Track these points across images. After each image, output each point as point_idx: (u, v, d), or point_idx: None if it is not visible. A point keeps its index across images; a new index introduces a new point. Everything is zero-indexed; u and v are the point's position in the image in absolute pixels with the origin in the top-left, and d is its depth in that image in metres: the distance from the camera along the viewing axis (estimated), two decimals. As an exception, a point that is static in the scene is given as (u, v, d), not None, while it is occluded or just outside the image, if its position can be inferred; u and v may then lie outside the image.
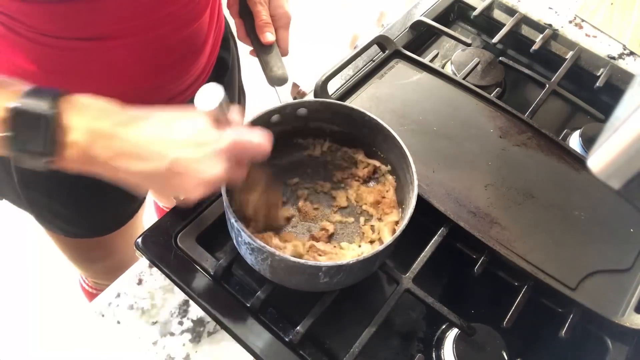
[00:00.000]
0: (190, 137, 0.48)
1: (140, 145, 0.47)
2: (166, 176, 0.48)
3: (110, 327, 0.62)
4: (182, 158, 0.47)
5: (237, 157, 0.50)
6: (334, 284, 0.59)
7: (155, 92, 0.72)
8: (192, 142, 0.48)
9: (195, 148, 0.48)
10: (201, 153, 0.48)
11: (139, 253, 0.67)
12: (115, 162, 0.47)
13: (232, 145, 0.49)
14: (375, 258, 0.57)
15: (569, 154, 0.79)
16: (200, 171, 0.48)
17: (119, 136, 0.47)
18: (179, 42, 0.69)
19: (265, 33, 0.67)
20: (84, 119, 0.47)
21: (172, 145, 0.48)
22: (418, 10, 1.00)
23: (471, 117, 0.82)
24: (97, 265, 1.00)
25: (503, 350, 0.63)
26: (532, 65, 0.99)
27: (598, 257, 0.70)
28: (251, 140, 0.51)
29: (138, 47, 0.64)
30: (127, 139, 0.47)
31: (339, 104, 0.68)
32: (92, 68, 0.64)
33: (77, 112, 0.47)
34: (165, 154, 0.47)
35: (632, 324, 0.65)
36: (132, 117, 0.49)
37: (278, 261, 0.56)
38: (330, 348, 0.64)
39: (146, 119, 0.49)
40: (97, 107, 0.48)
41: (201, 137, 0.48)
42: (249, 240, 0.56)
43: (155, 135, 0.48)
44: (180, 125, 0.49)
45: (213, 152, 0.48)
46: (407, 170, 0.64)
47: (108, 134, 0.47)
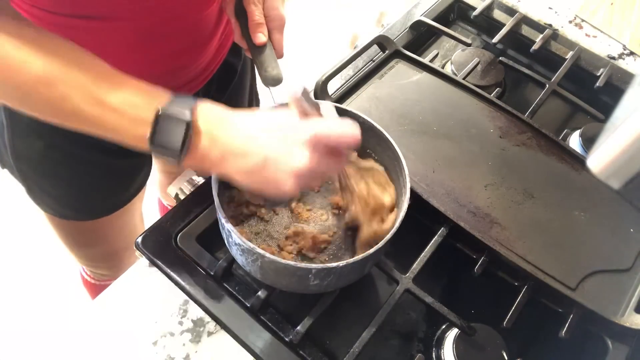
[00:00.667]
0: (276, 130, 0.51)
1: (240, 146, 0.51)
2: (263, 171, 0.51)
3: (110, 326, 0.62)
4: (272, 152, 0.50)
5: (328, 148, 0.51)
6: (324, 286, 0.59)
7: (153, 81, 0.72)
8: (278, 135, 0.51)
9: (282, 141, 0.50)
10: (287, 146, 0.50)
11: (139, 253, 0.67)
12: (225, 163, 0.52)
13: (315, 135, 0.50)
14: (366, 261, 0.57)
15: (569, 154, 0.79)
16: (287, 162, 0.50)
17: (227, 140, 0.51)
18: (177, 34, 0.69)
19: (258, 34, 0.67)
20: (208, 126, 0.51)
21: (264, 141, 0.51)
22: (418, 10, 1.00)
23: (471, 117, 0.82)
24: (88, 250, 1.01)
25: (503, 350, 0.63)
26: (532, 65, 0.99)
27: (598, 257, 0.70)
28: (338, 130, 0.52)
29: (133, 31, 0.65)
30: (231, 141, 0.51)
31: (334, 106, 0.68)
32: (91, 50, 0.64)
33: (205, 119, 0.51)
34: (259, 150, 0.50)
35: (632, 324, 0.65)
36: (235, 122, 0.52)
37: (268, 263, 0.56)
38: (330, 348, 0.64)
39: (244, 121, 0.52)
40: (218, 115, 0.53)
41: (285, 130, 0.51)
42: (239, 241, 0.56)
43: (251, 134, 0.51)
44: (268, 121, 0.52)
45: (296, 142, 0.50)
46: (400, 173, 0.64)
47: (221, 139, 0.51)
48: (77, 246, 1.00)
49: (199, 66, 0.76)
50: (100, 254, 1.02)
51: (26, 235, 1.62)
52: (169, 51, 0.70)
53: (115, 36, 0.65)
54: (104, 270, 1.11)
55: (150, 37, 0.67)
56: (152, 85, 0.53)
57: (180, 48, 0.71)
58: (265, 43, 0.67)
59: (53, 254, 1.54)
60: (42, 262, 1.60)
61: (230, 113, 0.53)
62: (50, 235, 0.97)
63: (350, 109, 0.67)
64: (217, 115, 0.53)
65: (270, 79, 0.67)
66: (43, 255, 1.60)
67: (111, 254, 1.02)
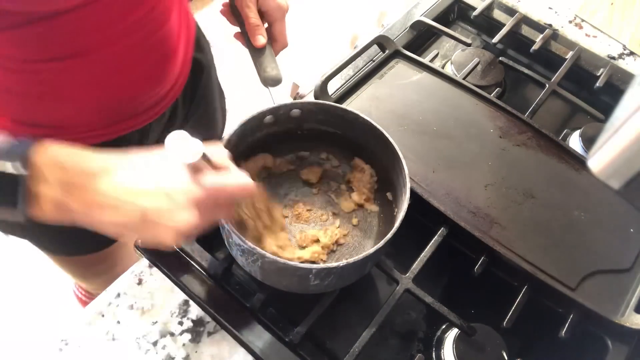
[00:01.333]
0: (161, 186, 0.47)
1: (112, 196, 0.46)
2: (140, 226, 0.47)
3: (110, 327, 0.62)
4: (153, 208, 0.46)
5: (218, 202, 0.49)
6: (324, 286, 0.59)
7: (134, 101, 0.70)
8: (163, 192, 0.47)
9: (167, 198, 0.46)
10: (173, 203, 0.46)
11: (139, 253, 0.67)
12: (90, 213, 0.47)
13: (207, 193, 0.47)
14: (367, 260, 0.57)
15: (569, 154, 0.79)
16: (172, 221, 0.46)
17: (91, 188, 0.46)
18: (151, 49, 0.66)
19: (257, 36, 0.66)
20: (55, 171, 0.46)
21: (143, 195, 0.47)
22: (418, 10, 1.00)
23: (471, 117, 0.82)
24: (101, 277, 0.98)
25: (503, 350, 0.63)
26: (532, 65, 0.99)
27: (598, 257, 0.70)
28: (229, 184, 0.50)
29: (111, 58, 0.62)
30: (99, 190, 0.46)
31: (333, 106, 0.68)
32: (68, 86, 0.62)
33: (49, 165, 0.46)
34: (137, 204, 0.46)
35: (632, 324, 0.65)
36: (105, 166, 0.48)
37: (268, 263, 0.56)
38: (330, 348, 0.64)
39: (119, 167, 0.48)
40: (69, 158, 0.47)
41: (173, 187, 0.47)
42: (239, 241, 0.55)
43: (126, 185, 0.47)
44: (152, 174, 0.48)
45: (185, 201, 0.46)
46: (400, 173, 0.64)
47: (80, 186, 0.46)
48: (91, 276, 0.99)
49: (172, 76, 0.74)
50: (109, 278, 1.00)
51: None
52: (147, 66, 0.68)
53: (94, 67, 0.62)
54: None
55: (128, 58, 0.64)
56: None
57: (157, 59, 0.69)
58: (265, 45, 0.67)
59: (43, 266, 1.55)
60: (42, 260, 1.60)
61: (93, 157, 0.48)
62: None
63: (350, 109, 0.67)
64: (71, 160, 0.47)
65: (270, 80, 0.67)
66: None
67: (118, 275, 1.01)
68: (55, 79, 0.60)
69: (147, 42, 0.65)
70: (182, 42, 0.74)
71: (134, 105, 0.70)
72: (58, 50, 0.58)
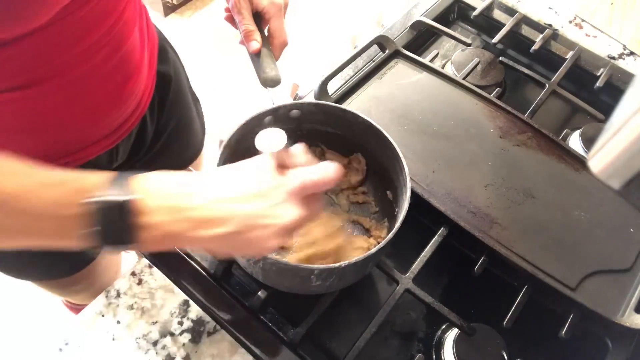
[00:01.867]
0: (253, 189, 0.47)
1: (209, 210, 0.45)
2: (241, 235, 0.46)
3: (110, 327, 0.62)
4: (251, 213, 0.46)
5: (312, 193, 0.49)
6: (326, 286, 0.59)
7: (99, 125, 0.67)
8: (257, 194, 0.46)
9: (262, 199, 0.46)
10: (269, 202, 0.46)
11: (139, 253, 0.67)
12: (192, 233, 0.45)
13: (300, 186, 0.47)
14: (368, 261, 0.57)
15: (569, 154, 0.79)
16: (273, 220, 0.46)
17: (190, 207, 0.45)
18: (113, 70, 0.64)
19: (250, 42, 0.66)
20: (159, 200, 0.45)
21: (238, 202, 0.46)
22: (418, 10, 1.00)
23: (471, 117, 0.82)
24: (83, 293, 0.96)
25: (503, 350, 0.63)
26: (532, 65, 0.99)
27: (598, 257, 0.70)
28: (319, 175, 0.49)
29: (71, 86, 0.59)
30: (197, 207, 0.45)
31: (332, 106, 0.68)
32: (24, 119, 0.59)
33: (152, 193, 0.45)
34: (234, 213, 0.46)
35: (632, 324, 0.65)
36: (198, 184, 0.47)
37: (270, 264, 0.56)
38: (330, 348, 0.64)
39: (209, 182, 0.47)
40: (165, 183, 0.46)
41: (265, 187, 0.47)
42: None
43: (220, 196, 0.46)
44: (241, 179, 0.48)
45: (282, 198, 0.46)
46: (401, 172, 0.64)
47: (182, 208, 0.45)
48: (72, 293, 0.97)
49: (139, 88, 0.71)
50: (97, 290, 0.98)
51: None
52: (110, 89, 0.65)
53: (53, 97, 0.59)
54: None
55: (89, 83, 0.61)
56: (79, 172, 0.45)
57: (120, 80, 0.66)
58: (259, 50, 0.67)
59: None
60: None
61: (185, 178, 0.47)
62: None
63: (349, 109, 0.67)
64: (167, 184, 0.46)
65: (269, 81, 0.67)
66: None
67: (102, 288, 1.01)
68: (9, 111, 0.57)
69: (109, 63, 0.62)
70: (146, 56, 0.72)
71: (98, 129, 0.67)
72: (12, 81, 0.55)
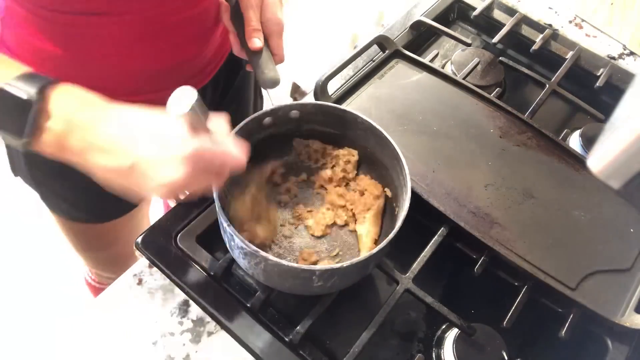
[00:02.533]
0: (157, 138, 0.48)
1: (109, 141, 0.48)
2: (129, 174, 0.48)
3: (111, 326, 0.62)
4: (144, 158, 0.47)
5: (207, 167, 0.49)
6: (328, 287, 0.59)
7: (155, 77, 0.73)
8: (157, 143, 0.48)
9: (159, 149, 0.47)
10: (163, 155, 0.47)
11: (139, 253, 0.67)
12: (86, 155, 0.48)
13: (196, 152, 0.47)
14: (369, 261, 0.57)
15: (569, 154, 0.79)
16: (159, 173, 0.47)
17: (92, 130, 0.48)
18: (179, 25, 0.69)
19: (253, 39, 0.66)
20: (65, 109, 0.48)
21: (138, 143, 0.48)
22: (418, 10, 1.00)
23: (471, 117, 0.82)
24: (98, 253, 1.02)
25: (503, 350, 0.63)
26: (532, 65, 0.99)
27: (598, 257, 0.70)
28: (221, 151, 0.50)
29: (135, 25, 0.65)
30: (98, 134, 0.48)
31: (332, 106, 0.68)
32: (93, 47, 0.65)
33: (60, 101, 0.48)
34: (130, 151, 0.47)
35: (632, 324, 0.65)
36: (110, 113, 0.49)
37: (271, 265, 0.56)
38: (330, 348, 0.64)
39: (122, 116, 0.49)
40: (81, 99, 0.49)
41: (167, 140, 0.48)
42: (241, 244, 0.55)
43: (125, 132, 0.48)
44: (151, 125, 0.49)
45: (175, 156, 0.47)
46: (401, 172, 0.64)
47: (83, 126, 0.48)
48: (87, 249, 1.01)
49: (203, 60, 0.77)
50: (109, 257, 1.03)
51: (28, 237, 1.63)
52: (171, 44, 0.71)
53: (117, 31, 0.65)
54: (110, 273, 1.11)
55: (152, 30, 0.67)
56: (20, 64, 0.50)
57: (182, 40, 0.72)
58: (261, 48, 0.67)
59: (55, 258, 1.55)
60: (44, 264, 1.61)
61: (103, 104, 0.50)
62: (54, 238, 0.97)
63: (349, 109, 0.67)
64: (82, 101, 0.49)
65: (268, 81, 0.67)
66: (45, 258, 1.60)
67: (119, 257, 1.03)
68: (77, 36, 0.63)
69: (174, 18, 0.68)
70: (219, 34, 0.77)
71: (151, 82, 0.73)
72: (81, 5, 0.61)
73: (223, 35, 0.80)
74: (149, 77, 0.73)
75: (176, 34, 0.70)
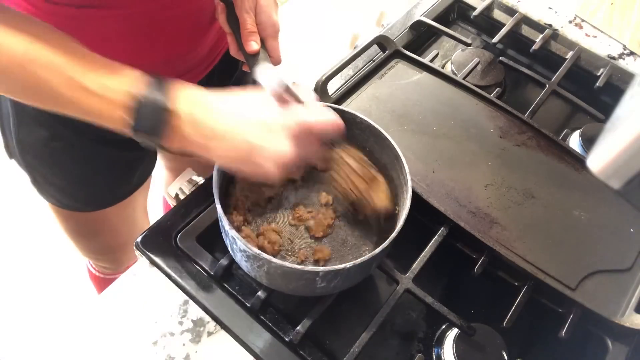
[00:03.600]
0: (262, 118, 0.53)
1: (223, 129, 0.52)
2: (249, 157, 0.52)
3: (110, 326, 0.62)
4: (256, 139, 0.52)
5: (309, 136, 0.53)
6: (331, 288, 0.59)
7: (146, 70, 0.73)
8: (264, 123, 0.52)
9: (265, 129, 0.52)
10: (273, 134, 0.52)
11: (139, 253, 0.67)
12: (208, 146, 0.52)
13: (299, 124, 0.52)
14: (372, 261, 0.57)
15: (569, 154, 0.79)
16: (272, 151, 0.52)
17: (210, 122, 0.52)
18: (175, 21, 0.70)
19: (250, 42, 0.66)
20: (186, 107, 0.51)
21: (248, 127, 0.52)
22: (418, 10, 1.00)
23: (471, 117, 0.82)
24: (91, 242, 1.02)
25: (503, 350, 0.63)
26: (532, 65, 0.99)
27: (598, 257, 0.70)
28: (321, 119, 0.54)
29: (130, 19, 0.66)
30: (215, 124, 0.52)
31: (331, 106, 0.67)
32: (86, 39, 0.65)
33: (182, 99, 0.51)
34: (244, 135, 0.52)
35: (632, 324, 0.65)
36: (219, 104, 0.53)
37: (275, 268, 0.56)
38: (330, 348, 0.64)
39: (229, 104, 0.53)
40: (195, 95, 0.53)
41: (272, 119, 0.53)
42: (244, 247, 0.55)
43: (234, 118, 0.53)
44: (252, 106, 0.54)
45: (280, 131, 0.52)
46: (401, 171, 0.63)
47: (202, 120, 0.52)
48: (80, 238, 1.01)
49: (198, 55, 0.77)
50: (103, 247, 1.03)
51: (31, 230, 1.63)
52: (166, 39, 0.71)
53: (113, 24, 0.66)
54: (106, 263, 1.12)
55: (148, 24, 0.68)
56: (131, 67, 0.52)
57: (177, 36, 0.72)
58: (258, 51, 0.67)
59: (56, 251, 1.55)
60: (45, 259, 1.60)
61: (210, 94, 0.53)
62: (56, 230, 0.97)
63: (347, 109, 0.67)
64: (198, 98, 0.53)
65: None
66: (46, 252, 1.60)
67: (114, 247, 1.03)
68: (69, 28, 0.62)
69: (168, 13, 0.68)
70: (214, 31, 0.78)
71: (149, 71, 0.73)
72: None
73: (218, 35, 0.80)
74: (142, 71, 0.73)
75: (169, 29, 0.70)
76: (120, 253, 1.06)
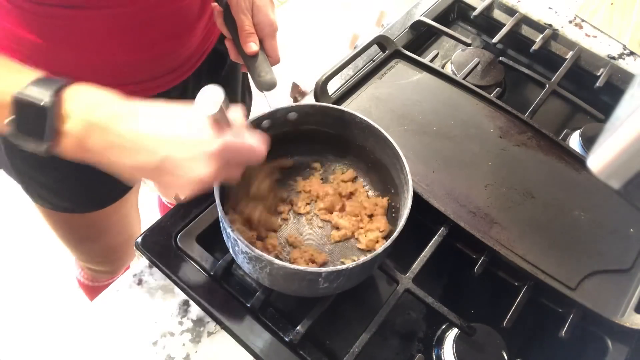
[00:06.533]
0: (183, 136, 0.48)
1: (133, 139, 0.48)
2: (156, 172, 0.49)
3: (111, 326, 0.62)
4: (172, 157, 0.48)
5: (230, 159, 0.50)
6: (333, 288, 0.59)
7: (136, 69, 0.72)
8: (185, 141, 0.48)
9: (187, 148, 0.48)
10: (192, 153, 0.48)
11: (139, 253, 0.67)
12: (109, 154, 0.49)
13: (224, 147, 0.49)
14: (374, 261, 0.57)
15: (569, 154, 0.79)
16: (189, 171, 0.48)
17: (113, 129, 0.48)
18: (161, 19, 0.69)
19: (248, 43, 0.66)
20: (81, 110, 0.48)
21: (165, 142, 0.48)
22: (418, 10, 1.00)
23: (471, 117, 0.82)
24: (87, 245, 1.01)
25: (503, 350, 0.63)
26: (532, 65, 0.99)
27: (598, 257, 0.70)
28: (245, 144, 0.51)
29: (114, 19, 0.65)
30: (121, 132, 0.48)
31: (330, 107, 0.67)
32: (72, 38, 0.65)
33: (76, 102, 0.48)
34: (157, 151, 0.48)
35: (632, 324, 0.65)
36: (130, 110, 0.49)
37: (277, 269, 0.56)
38: (330, 348, 0.64)
39: (143, 113, 0.49)
40: (97, 99, 0.49)
41: (194, 138, 0.48)
42: (246, 249, 0.55)
43: (149, 131, 0.48)
44: (176, 123, 0.49)
45: (204, 153, 0.48)
46: (401, 171, 0.63)
47: (103, 126, 0.48)
48: (75, 241, 1.01)
49: (183, 53, 0.76)
50: (98, 249, 1.03)
51: (25, 237, 1.63)
52: (150, 38, 0.70)
53: (96, 24, 0.65)
54: (101, 266, 1.11)
55: (132, 24, 0.67)
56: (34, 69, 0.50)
57: (162, 35, 0.71)
58: (257, 52, 0.67)
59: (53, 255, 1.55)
60: (42, 262, 1.60)
61: (120, 101, 0.50)
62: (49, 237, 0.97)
63: (347, 110, 0.67)
64: (97, 100, 0.49)
65: (265, 84, 0.66)
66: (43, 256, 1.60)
67: (109, 249, 1.03)
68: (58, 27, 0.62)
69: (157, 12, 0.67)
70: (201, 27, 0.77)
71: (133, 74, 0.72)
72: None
73: (206, 30, 0.79)
74: (129, 69, 0.72)
75: (156, 28, 0.70)
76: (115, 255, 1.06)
